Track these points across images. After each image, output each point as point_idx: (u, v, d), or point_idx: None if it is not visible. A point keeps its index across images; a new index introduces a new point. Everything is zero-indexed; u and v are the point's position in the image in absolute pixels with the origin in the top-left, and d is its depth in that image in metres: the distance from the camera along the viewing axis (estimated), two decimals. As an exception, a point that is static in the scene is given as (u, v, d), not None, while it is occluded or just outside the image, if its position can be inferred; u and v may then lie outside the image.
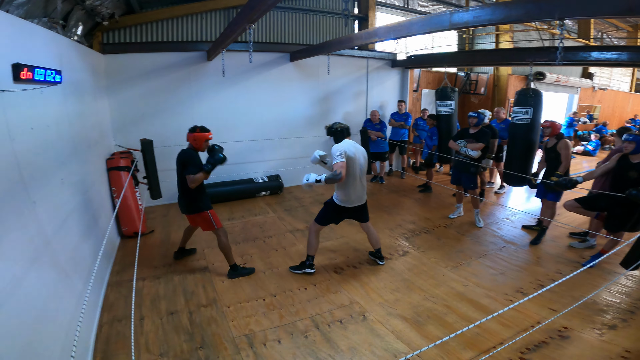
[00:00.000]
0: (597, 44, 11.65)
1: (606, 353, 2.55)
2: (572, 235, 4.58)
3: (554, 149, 4.29)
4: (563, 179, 3.84)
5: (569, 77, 10.68)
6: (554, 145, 4.30)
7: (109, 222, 3.83)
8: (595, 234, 4.15)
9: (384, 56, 7.57)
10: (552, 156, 4.32)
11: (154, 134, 5.01)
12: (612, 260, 3.72)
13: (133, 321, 2.05)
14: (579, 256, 4.03)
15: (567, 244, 4.36)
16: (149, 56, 5.33)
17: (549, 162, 4.38)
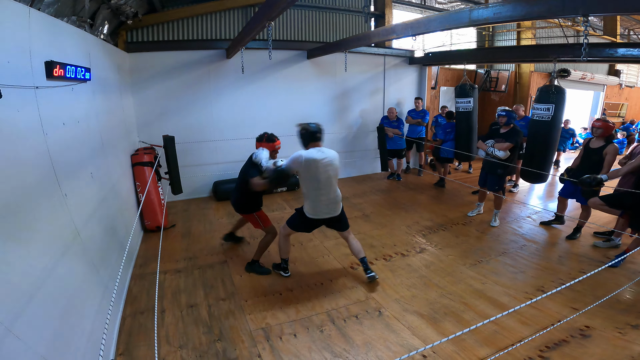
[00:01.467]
0: (624, 41, 11.22)
1: (628, 352, 2.48)
2: (597, 234, 4.46)
3: (599, 151, 4.08)
4: (587, 176, 3.69)
5: (594, 75, 10.33)
6: (601, 147, 4.07)
7: (134, 216, 3.99)
8: (621, 233, 4.02)
9: (401, 53, 7.52)
10: (594, 159, 4.07)
11: (176, 130, 5.14)
12: (637, 259, 3.62)
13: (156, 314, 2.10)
14: (603, 255, 3.92)
15: (591, 243, 4.25)
16: (170, 54, 5.47)
17: (588, 163, 4.13)
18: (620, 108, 12.63)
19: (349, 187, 6.67)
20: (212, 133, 5.90)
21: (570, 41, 8.54)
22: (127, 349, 2.57)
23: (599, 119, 4.22)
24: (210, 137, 5.87)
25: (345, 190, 6.43)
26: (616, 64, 11.40)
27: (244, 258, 3.96)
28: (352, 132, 7.23)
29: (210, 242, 4.39)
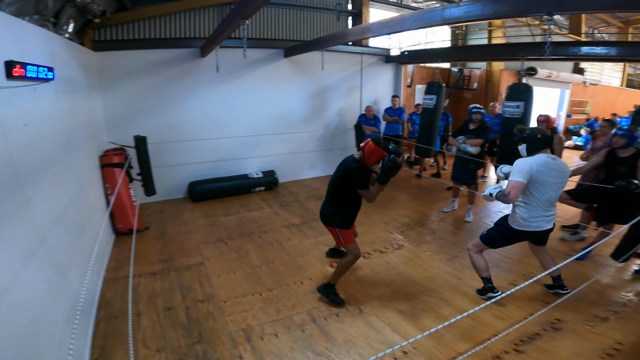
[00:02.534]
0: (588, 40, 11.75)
1: (598, 345, 2.59)
2: (564, 227, 4.66)
3: None
4: None
5: (560, 73, 10.76)
6: None
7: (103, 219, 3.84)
8: (586, 226, 4.22)
9: (377, 52, 7.59)
10: None
11: (148, 130, 4.99)
12: (603, 252, 3.79)
13: (130, 317, 2.05)
14: (570, 249, 4.10)
15: (559, 236, 4.43)
16: (142, 53, 5.30)
17: None
18: (585, 105, 13.25)
19: (327, 184, 6.63)
20: (186, 133, 5.77)
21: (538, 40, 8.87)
22: (103, 353, 2.52)
23: (541, 114, 4.46)
24: (184, 137, 5.73)
25: (324, 188, 6.35)
26: (580, 62, 11.93)
27: (222, 259, 3.91)
28: (330, 131, 7.25)
29: (187, 243, 4.30)
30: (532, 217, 2.83)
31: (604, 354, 2.50)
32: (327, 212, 3.15)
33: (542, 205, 2.80)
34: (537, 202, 2.79)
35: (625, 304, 3.08)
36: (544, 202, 2.79)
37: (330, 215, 3.13)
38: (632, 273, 3.59)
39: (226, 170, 6.12)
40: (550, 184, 2.76)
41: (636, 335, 2.67)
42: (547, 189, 2.76)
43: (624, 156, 3.56)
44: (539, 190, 2.75)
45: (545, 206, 2.81)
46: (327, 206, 3.17)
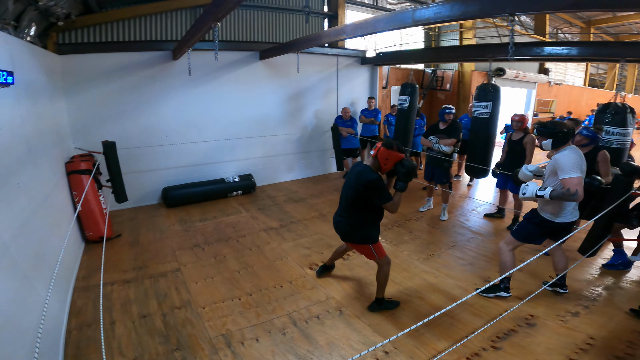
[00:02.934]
0: (552, 40, 12.28)
1: (571, 340, 2.66)
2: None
3: (520, 142, 4.44)
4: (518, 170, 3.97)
5: (526, 73, 11.20)
6: (520, 138, 4.44)
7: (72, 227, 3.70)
8: None
9: (353, 53, 7.65)
10: (518, 150, 4.44)
11: (118, 135, 4.84)
12: (571, 247, 3.93)
13: (102, 325, 1.99)
14: (541, 245, 4.24)
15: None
16: (109, 56, 5.11)
17: (513, 155, 4.49)
18: (551, 104, 13.84)
19: (305, 187, 6.67)
20: (159, 137, 5.60)
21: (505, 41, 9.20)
22: (77, 363, 2.42)
23: (516, 114, 4.61)
24: (157, 142, 5.57)
25: (302, 190, 6.44)
26: (545, 63, 12.45)
27: (199, 265, 3.82)
28: (307, 133, 7.24)
29: (162, 250, 4.18)
30: (576, 207, 2.86)
31: (578, 349, 2.56)
32: (351, 230, 2.91)
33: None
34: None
35: (594, 299, 3.19)
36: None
37: (356, 233, 2.91)
38: (599, 267, 3.74)
39: (202, 175, 6.00)
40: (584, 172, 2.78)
41: (607, 330, 2.76)
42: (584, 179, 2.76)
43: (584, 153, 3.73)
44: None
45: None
46: (349, 224, 2.90)
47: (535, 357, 2.50)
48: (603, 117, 3.90)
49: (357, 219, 2.88)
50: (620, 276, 3.57)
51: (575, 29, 14.58)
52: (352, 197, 2.83)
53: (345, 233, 2.98)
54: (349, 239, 3.01)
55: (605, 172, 3.53)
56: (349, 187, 2.86)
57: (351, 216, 2.89)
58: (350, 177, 2.86)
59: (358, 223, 2.88)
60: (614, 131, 3.83)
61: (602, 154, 3.58)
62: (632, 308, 2.96)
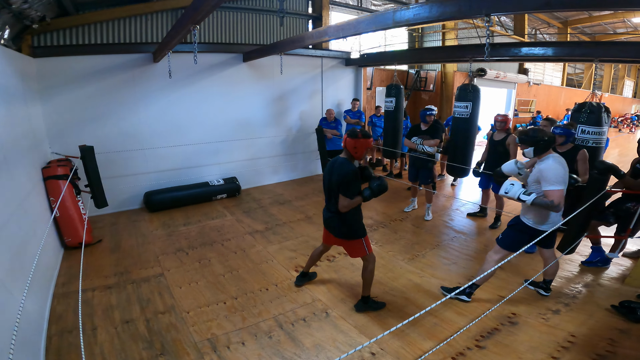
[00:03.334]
0: (530, 40, 12.59)
1: (553, 338, 2.71)
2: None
3: (502, 142, 4.51)
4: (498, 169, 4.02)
5: (506, 73, 11.44)
6: (503, 139, 4.51)
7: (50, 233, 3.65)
8: None
9: (337, 55, 7.66)
10: (500, 150, 4.50)
11: (96, 139, 4.71)
12: None
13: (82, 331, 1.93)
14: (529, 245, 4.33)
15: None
16: (87, 59, 4.98)
17: (495, 155, 4.55)
18: (530, 104, 14.18)
19: (291, 189, 6.64)
20: (140, 141, 5.48)
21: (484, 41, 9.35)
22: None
23: (499, 114, 4.68)
24: (138, 146, 5.44)
25: (288, 193, 6.42)
26: (525, 63, 12.74)
27: (183, 270, 3.77)
28: (292, 135, 7.21)
29: (144, 255, 4.10)
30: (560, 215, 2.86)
31: (559, 347, 2.60)
32: (342, 224, 2.89)
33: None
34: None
35: (574, 296, 3.26)
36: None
37: (349, 228, 2.90)
38: (579, 265, 3.82)
39: (185, 179, 5.90)
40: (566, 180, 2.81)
41: (587, 327, 2.82)
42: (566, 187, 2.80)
43: (562, 152, 3.81)
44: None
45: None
46: (340, 220, 2.89)
47: (519, 355, 2.53)
48: (579, 116, 3.99)
49: (346, 213, 2.85)
50: (599, 273, 3.66)
51: (553, 29, 14.99)
52: (335, 190, 2.82)
53: (337, 229, 2.95)
54: (341, 235, 2.95)
55: (584, 171, 3.62)
56: (331, 181, 2.84)
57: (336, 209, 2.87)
58: (332, 169, 2.84)
59: (347, 217, 2.86)
60: (590, 130, 3.92)
61: (582, 153, 3.68)
62: (613, 304, 3.02)
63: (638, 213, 3.36)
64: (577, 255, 3.91)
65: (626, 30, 15.55)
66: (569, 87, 17.74)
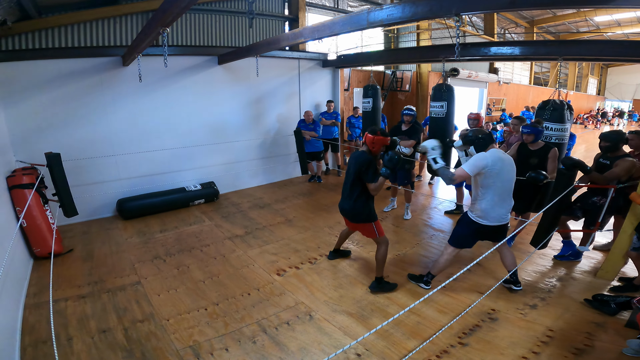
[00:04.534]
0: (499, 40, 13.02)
1: (532, 333, 2.77)
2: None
3: None
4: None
5: (478, 73, 11.79)
6: None
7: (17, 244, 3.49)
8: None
9: (314, 56, 7.65)
10: None
11: (64, 146, 4.52)
12: (524, 240, 4.13)
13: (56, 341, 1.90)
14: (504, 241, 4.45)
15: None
16: (52, 63, 4.74)
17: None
18: (501, 103, 14.66)
19: (270, 192, 6.59)
20: (110, 147, 5.27)
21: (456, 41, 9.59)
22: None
23: (472, 112, 4.82)
24: (108, 152, 5.23)
25: (268, 196, 6.36)
26: (495, 63, 13.17)
27: (161, 277, 3.66)
28: (270, 137, 7.15)
29: (119, 263, 3.97)
30: (492, 208, 2.99)
31: (539, 341, 2.66)
32: (358, 208, 3.24)
33: (501, 197, 2.99)
34: (496, 194, 2.97)
35: (550, 290, 3.36)
36: (502, 194, 2.98)
37: (361, 211, 3.24)
38: (552, 259, 3.94)
39: (160, 185, 5.73)
40: (505, 176, 2.97)
41: (564, 321, 2.90)
42: (504, 182, 2.97)
43: (534, 149, 3.95)
44: (495, 183, 2.94)
45: (503, 199, 3.01)
46: (356, 204, 3.24)
47: (500, 351, 2.58)
48: (543, 113, 4.13)
49: (363, 197, 3.23)
50: (571, 267, 3.79)
51: (520, 29, 15.57)
52: (354, 178, 3.19)
53: (355, 214, 3.29)
54: (356, 219, 3.32)
55: (553, 168, 3.75)
56: (350, 171, 3.25)
57: (358, 196, 3.22)
58: (351, 160, 3.28)
59: (363, 201, 3.23)
60: (553, 127, 4.06)
61: (553, 152, 3.82)
62: (587, 298, 3.13)
63: (605, 206, 3.50)
64: (550, 250, 4.03)
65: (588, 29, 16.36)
66: (536, 86, 18.47)
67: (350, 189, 3.26)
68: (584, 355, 2.51)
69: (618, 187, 3.40)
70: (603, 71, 28.05)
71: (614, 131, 3.61)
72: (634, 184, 3.34)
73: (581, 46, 4.60)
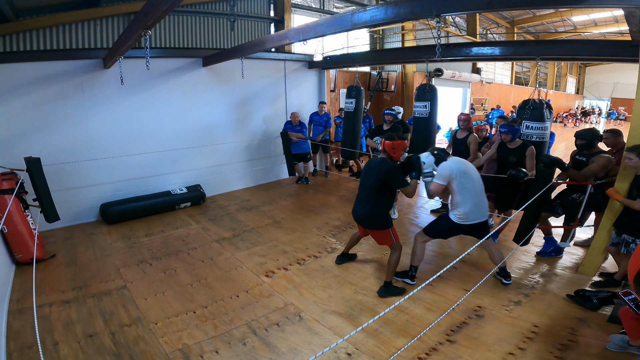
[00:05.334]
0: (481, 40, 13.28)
1: (518, 329, 2.81)
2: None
3: (464, 140, 4.70)
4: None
5: (461, 73, 11.99)
6: (465, 137, 4.70)
7: None
8: (492, 214, 4.69)
9: (300, 58, 7.65)
10: (462, 148, 4.68)
11: (43, 150, 4.43)
12: (508, 237, 4.21)
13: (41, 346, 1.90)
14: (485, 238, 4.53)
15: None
16: (30, 66, 4.60)
17: (458, 153, 4.70)
18: (484, 102, 14.95)
19: (258, 194, 6.56)
20: (92, 151, 5.14)
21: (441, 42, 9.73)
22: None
23: (463, 113, 4.89)
24: (90, 156, 5.09)
25: (255, 198, 6.34)
26: (477, 63, 13.41)
27: (148, 281, 3.62)
28: (257, 139, 7.12)
29: (104, 268, 3.90)
30: (471, 210, 3.14)
31: (525, 337, 2.71)
32: (376, 216, 3.26)
33: (479, 197, 3.17)
34: (471, 196, 3.13)
35: (533, 286, 3.43)
36: (475, 196, 3.15)
37: (379, 218, 3.26)
38: (534, 255, 4.03)
39: (145, 188, 5.63)
40: (473, 176, 3.18)
41: (548, 317, 2.97)
42: (474, 182, 3.16)
43: (512, 147, 4.06)
44: (469, 184, 3.12)
45: (478, 200, 3.17)
46: (373, 212, 3.25)
47: (488, 348, 2.63)
48: (523, 113, 4.23)
49: (380, 206, 3.24)
50: (554, 263, 3.88)
51: (501, 29, 15.91)
52: (375, 185, 3.20)
53: (372, 222, 3.30)
54: (372, 225, 3.32)
55: (531, 166, 3.86)
56: (370, 178, 3.24)
57: (376, 203, 3.23)
58: (371, 167, 3.27)
59: (381, 210, 3.25)
60: (533, 126, 4.17)
61: (530, 150, 3.93)
62: (569, 294, 3.21)
63: (584, 203, 3.60)
64: (532, 247, 4.12)
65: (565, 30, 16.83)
66: (517, 85, 18.89)
67: (368, 196, 3.25)
68: (568, 351, 2.56)
69: (596, 184, 3.51)
70: (581, 70, 28.86)
71: (589, 129, 3.74)
72: (611, 180, 3.45)
73: (557, 46, 4.73)
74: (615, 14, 13.75)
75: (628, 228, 3.11)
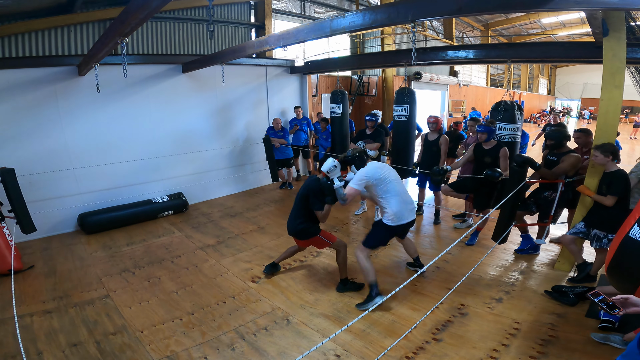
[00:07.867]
0: (457, 44, 13.64)
1: (500, 326, 2.87)
2: (455, 217, 5.28)
3: (435, 142, 4.82)
4: (436, 167, 4.29)
5: (439, 76, 12.23)
6: (436, 139, 4.82)
7: None
8: (471, 214, 4.84)
9: (282, 63, 7.66)
10: (434, 150, 4.80)
11: (18, 160, 4.30)
12: (487, 236, 4.33)
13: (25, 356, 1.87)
14: (462, 235, 4.65)
15: (452, 225, 5.01)
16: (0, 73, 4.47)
17: (430, 155, 4.84)
18: (462, 105, 15.31)
19: (242, 201, 6.54)
20: (68, 160, 5.01)
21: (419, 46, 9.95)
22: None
23: (432, 115, 4.99)
24: (66, 165, 4.96)
25: (239, 204, 6.31)
26: (454, 66, 13.72)
27: (131, 289, 3.57)
28: (239, 146, 7.09)
29: (85, 278, 3.83)
30: (400, 209, 3.19)
31: (507, 334, 2.77)
32: (300, 228, 3.41)
33: (402, 196, 3.23)
34: (398, 195, 3.19)
35: (513, 283, 3.53)
36: (399, 195, 3.21)
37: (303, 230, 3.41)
38: (513, 253, 4.15)
39: (125, 197, 5.52)
40: (393, 178, 3.24)
41: (528, 313, 3.05)
42: (395, 184, 3.23)
43: (487, 148, 4.20)
44: (389, 187, 3.18)
45: (402, 198, 3.23)
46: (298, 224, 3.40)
47: (473, 345, 2.69)
48: (496, 114, 4.37)
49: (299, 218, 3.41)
50: (531, 260, 4.01)
51: (477, 32, 16.38)
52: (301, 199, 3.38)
53: (296, 232, 3.46)
54: (301, 236, 3.47)
55: (505, 166, 4.01)
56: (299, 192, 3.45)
57: (296, 215, 3.42)
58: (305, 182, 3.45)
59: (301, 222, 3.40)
60: (505, 126, 4.32)
61: (503, 150, 4.08)
62: (547, 290, 3.32)
63: (556, 200, 3.75)
64: (511, 244, 4.25)
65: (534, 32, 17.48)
66: (493, 87, 19.46)
67: (296, 209, 3.45)
68: (550, 346, 2.63)
69: (566, 182, 3.68)
70: (552, 72, 29.98)
71: (557, 130, 3.87)
72: (580, 178, 3.62)
73: (527, 48, 4.91)
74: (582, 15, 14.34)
75: (599, 224, 3.23)
